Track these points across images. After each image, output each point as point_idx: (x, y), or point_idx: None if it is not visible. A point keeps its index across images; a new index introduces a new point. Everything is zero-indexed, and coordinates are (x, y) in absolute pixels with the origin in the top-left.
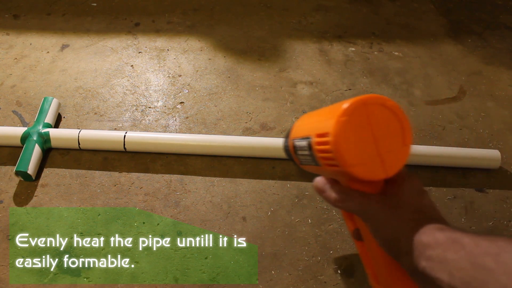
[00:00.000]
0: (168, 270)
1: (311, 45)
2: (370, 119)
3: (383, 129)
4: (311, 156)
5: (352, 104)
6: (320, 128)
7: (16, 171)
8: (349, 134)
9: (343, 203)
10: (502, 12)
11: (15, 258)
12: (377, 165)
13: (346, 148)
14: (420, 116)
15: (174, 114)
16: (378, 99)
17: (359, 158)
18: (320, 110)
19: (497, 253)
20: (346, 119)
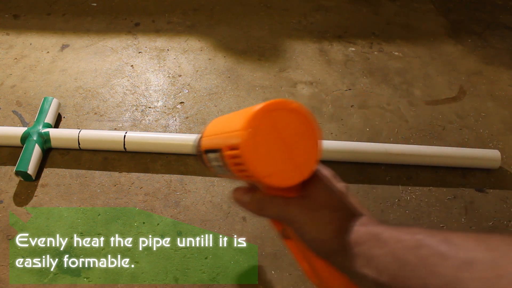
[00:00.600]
0: (168, 270)
1: (311, 45)
2: (277, 125)
3: (291, 132)
4: (225, 167)
5: (256, 114)
6: (229, 140)
7: (16, 171)
8: (259, 145)
9: (265, 212)
10: (502, 12)
11: (15, 258)
12: (291, 169)
13: (258, 159)
14: (420, 116)
15: (174, 114)
16: (280, 104)
17: (272, 167)
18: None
19: (417, 246)
20: (252, 130)
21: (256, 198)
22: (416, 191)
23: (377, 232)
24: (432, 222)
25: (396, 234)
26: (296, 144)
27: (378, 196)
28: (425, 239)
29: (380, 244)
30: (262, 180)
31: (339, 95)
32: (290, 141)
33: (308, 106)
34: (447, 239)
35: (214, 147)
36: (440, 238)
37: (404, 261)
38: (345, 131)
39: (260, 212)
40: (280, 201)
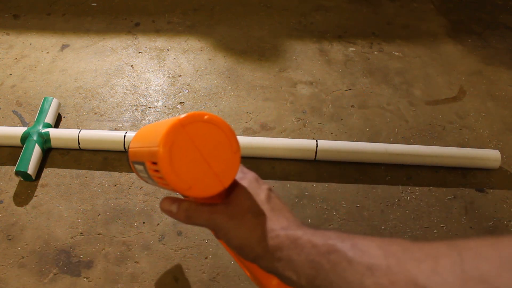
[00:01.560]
0: (168, 270)
1: (311, 45)
2: (192, 138)
3: (208, 144)
4: (150, 179)
5: (170, 129)
6: (149, 155)
7: (16, 171)
8: (175, 159)
9: (192, 220)
10: (502, 12)
11: (15, 258)
12: (212, 179)
13: (176, 173)
14: (420, 116)
15: (174, 114)
16: (194, 117)
17: (191, 179)
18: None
19: (329, 251)
20: (168, 147)
21: (183, 207)
22: (416, 191)
23: (296, 236)
24: (432, 222)
25: (312, 239)
26: (215, 154)
27: (378, 196)
28: (337, 244)
29: (298, 248)
30: (183, 192)
31: (339, 95)
32: (208, 152)
33: (308, 106)
34: (355, 244)
35: (138, 160)
36: (349, 244)
37: (318, 266)
38: (345, 131)
39: (188, 221)
40: (206, 209)
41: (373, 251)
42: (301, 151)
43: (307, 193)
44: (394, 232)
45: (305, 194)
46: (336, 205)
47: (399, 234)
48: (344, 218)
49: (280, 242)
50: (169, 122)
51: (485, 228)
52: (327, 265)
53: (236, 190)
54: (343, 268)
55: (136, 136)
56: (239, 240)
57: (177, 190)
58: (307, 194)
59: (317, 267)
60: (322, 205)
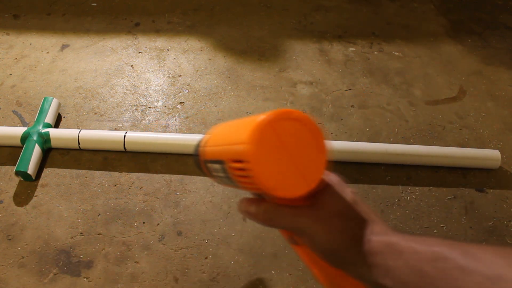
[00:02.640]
0: (168, 270)
1: (311, 45)
2: (281, 136)
3: (296, 142)
4: (228, 178)
5: (260, 125)
6: (233, 153)
7: (16, 171)
8: (264, 157)
9: (273, 223)
10: (502, 12)
11: (15, 258)
12: (298, 180)
13: (264, 171)
14: (420, 116)
15: (174, 114)
16: (283, 114)
17: (279, 178)
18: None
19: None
20: (258, 142)
21: (264, 208)
22: (416, 191)
23: (393, 242)
24: (432, 222)
25: (412, 245)
26: (301, 154)
27: (378, 196)
28: (444, 251)
29: (396, 254)
30: (269, 192)
31: (339, 95)
32: (296, 151)
33: (308, 106)
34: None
35: (216, 158)
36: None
37: (422, 273)
38: (345, 131)
39: (269, 223)
40: (289, 211)
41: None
42: None
43: None
44: None
45: None
46: None
47: None
48: None
49: (374, 247)
50: (256, 119)
51: (485, 228)
52: (433, 273)
53: (322, 191)
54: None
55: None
56: (327, 244)
57: (262, 190)
58: None
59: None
60: None
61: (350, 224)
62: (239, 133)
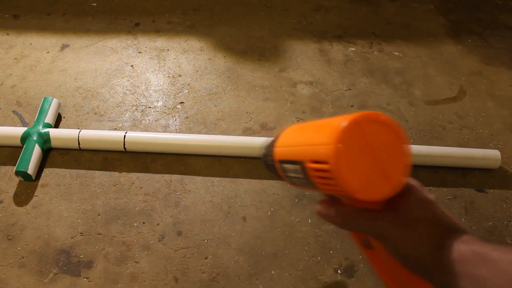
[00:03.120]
0: (168, 270)
1: (311, 45)
2: (366, 138)
3: (380, 145)
4: (305, 179)
5: (347, 127)
6: (314, 153)
7: (16, 171)
8: (349, 159)
9: (352, 226)
10: (502, 12)
11: (15, 258)
12: (382, 183)
13: (349, 174)
14: (420, 116)
15: (174, 114)
16: (371, 116)
17: (363, 181)
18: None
19: None
20: (343, 144)
21: (343, 211)
22: None
23: (483, 251)
24: None
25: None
26: (385, 157)
27: None
28: None
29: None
30: (352, 194)
31: (339, 95)
32: (379, 154)
33: (308, 106)
34: None
35: (293, 159)
36: None
37: None
38: None
39: (347, 226)
40: (369, 215)
41: None
42: None
43: (307, 193)
44: None
45: (305, 194)
46: None
47: None
48: None
49: (462, 255)
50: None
51: (485, 228)
52: None
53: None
54: None
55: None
56: (411, 251)
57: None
58: (307, 194)
59: None
60: None
61: (436, 230)
62: (322, 134)
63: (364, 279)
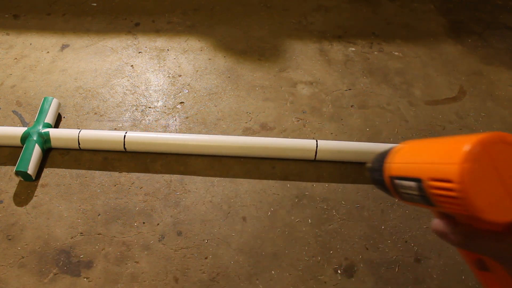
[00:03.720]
0: (168, 270)
1: (311, 45)
2: (493, 159)
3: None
4: (422, 197)
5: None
6: (437, 172)
7: (16, 171)
8: (476, 180)
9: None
10: (502, 12)
11: (15, 258)
12: (508, 205)
13: (475, 194)
14: (420, 116)
15: (174, 114)
16: (498, 137)
17: (488, 202)
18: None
19: None
20: (471, 165)
21: (462, 230)
22: None
23: None
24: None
25: None
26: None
27: (378, 196)
28: None
29: None
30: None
31: (339, 95)
32: (507, 176)
33: (308, 106)
34: None
35: (411, 176)
36: None
37: None
38: (345, 131)
39: (465, 245)
40: (492, 237)
41: None
42: (301, 151)
43: (307, 193)
44: (394, 232)
45: (305, 194)
46: (336, 205)
47: (399, 234)
48: (344, 218)
49: None
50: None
51: None
52: None
53: None
54: None
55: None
56: None
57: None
58: (307, 194)
59: None
60: (322, 205)
61: None
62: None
63: (364, 279)
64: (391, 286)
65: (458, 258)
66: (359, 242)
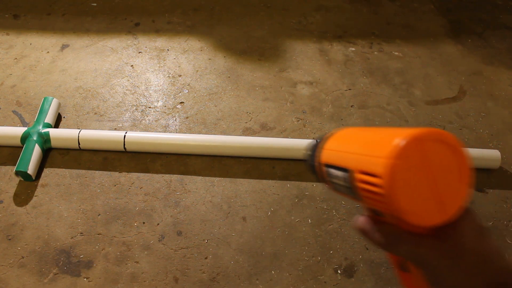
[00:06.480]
0: (168, 270)
1: (311, 45)
2: (425, 158)
3: (439, 167)
4: (350, 189)
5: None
6: (366, 165)
7: (16, 171)
8: (404, 178)
9: (393, 248)
10: (502, 12)
11: (15, 258)
12: (434, 208)
13: (401, 194)
14: (420, 116)
15: (174, 114)
16: (434, 134)
17: (414, 203)
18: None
19: None
20: (400, 162)
21: (385, 230)
22: None
23: None
24: None
25: None
26: (442, 181)
27: None
28: None
29: None
30: (400, 216)
31: (339, 95)
32: (437, 176)
33: (308, 106)
34: None
35: (341, 165)
36: None
37: None
38: None
39: (388, 247)
40: (413, 239)
41: None
42: (301, 151)
43: (307, 193)
44: None
45: (305, 194)
46: (336, 205)
47: None
48: (344, 218)
49: None
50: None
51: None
52: None
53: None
54: None
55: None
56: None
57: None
58: (307, 194)
59: None
60: (322, 205)
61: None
62: (379, 144)
63: (364, 279)
64: (391, 286)
65: None
66: (359, 242)
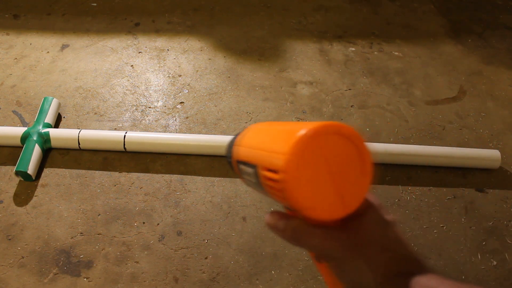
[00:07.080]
0: (168, 270)
1: (311, 45)
2: (324, 152)
3: (340, 161)
4: (259, 185)
5: (304, 137)
6: (268, 161)
7: (16, 171)
8: (302, 173)
9: (301, 242)
10: (502, 12)
11: (15, 258)
12: (335, 202)
13: (299, 188)
14: (420, 116)
15: (174, 114)
16: (332, 128)
17: (314, 197)
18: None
19: None
20: (298, 156)
21: (292, 225)
22: (416, 191)
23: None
24: (432, 222)
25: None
26: (343, 174)
27: (378, 196)
28: None
29: None
30: (301, 211)
31: (339, 95)
32: (337, 170)
33: (308, 106)
34: None
35: (249, 161)
36: None
37: None
38: None
39: (295, 242)
40: (319, 233)
41: None
42: None
43: None
44: None
45: None
46: None
47: None
48: None
49: None
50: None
51: (485, 228)
52: None
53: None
54: None
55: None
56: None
57: (293, 207)
58: None
59: None
60: None
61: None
62: (279, 140)
63: None
64: None
65: (458, 258)
66: None
